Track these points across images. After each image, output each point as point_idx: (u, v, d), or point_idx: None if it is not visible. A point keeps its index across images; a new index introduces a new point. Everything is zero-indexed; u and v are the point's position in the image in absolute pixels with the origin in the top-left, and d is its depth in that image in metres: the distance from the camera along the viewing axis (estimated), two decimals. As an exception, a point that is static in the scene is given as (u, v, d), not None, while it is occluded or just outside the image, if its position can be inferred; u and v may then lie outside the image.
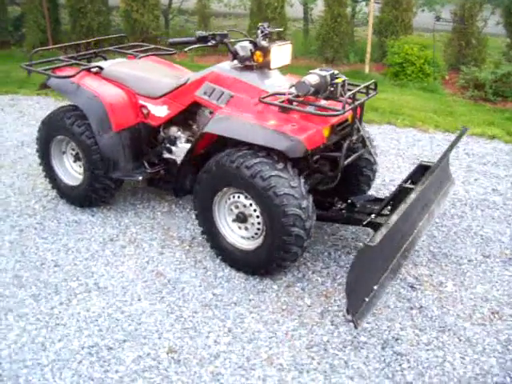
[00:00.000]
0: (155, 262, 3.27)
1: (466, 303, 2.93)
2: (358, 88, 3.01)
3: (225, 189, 3.02)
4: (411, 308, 2.89)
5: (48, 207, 3.92)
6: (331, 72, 3.03)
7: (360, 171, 3.56)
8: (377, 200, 3.27)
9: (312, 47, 8.15)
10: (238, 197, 3.01)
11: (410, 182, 3.19)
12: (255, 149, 2.90)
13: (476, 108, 6.23)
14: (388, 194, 4.08)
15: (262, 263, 3.01)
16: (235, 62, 3.30)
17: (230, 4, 8.57)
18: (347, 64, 7.88)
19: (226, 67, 3.31)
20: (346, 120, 3.20)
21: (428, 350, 2.60)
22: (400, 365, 2.50)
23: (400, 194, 2.88)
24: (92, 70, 3.74)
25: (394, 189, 4.21)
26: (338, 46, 7.57)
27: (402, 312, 2.86)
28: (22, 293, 2.99)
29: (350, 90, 3.10)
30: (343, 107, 2.84)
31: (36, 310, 2.85)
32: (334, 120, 3.06)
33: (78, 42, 4.08)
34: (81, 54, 4.03)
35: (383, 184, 4.38)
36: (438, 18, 7.07)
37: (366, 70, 7.33)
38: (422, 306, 2.90)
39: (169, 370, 2.46)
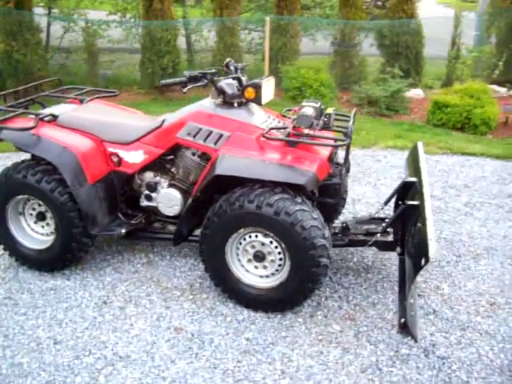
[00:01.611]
0: (167, 318, 3.05)
1: (466, 300, 3.25)
2: (352, 117, 3.18)
3: (241, 230, 2.96)
4: (427, 314, 3.11)
5: (8, 278, 3.42)
6: (319, 104, 3.17)
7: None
8: (373, 220, 3.46)
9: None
10: (256, 236, 2.97)
11: (397, 198, 3.43)
12: (269, 186, 2.90)
13: (377, 123, 6.88)
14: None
15: (287, 298, 3.00)
16: (218, 99, 3.26)
17: (114, 39, 8.25)
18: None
19: (209, 106, 3.25)
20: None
21: (462, 348, 2.83)
22: (450, 367, 2.69)
23: (405, 211, 3.09)
24: (45, 118, 3.39)
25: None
26: (232, 75, 7.75)
27: (422, 319, 3.07)
28: (31, 383, 2.58)
29: (337, 120, 3.29)
30: (349, 136, 3.00)
31: (62, 399, 2.49)
32: (330, 150, 3.21)
33: (15, 89, 3.66)
34: (19, 101, 3.61)
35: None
36: (333, 43, 7.68)
37: (265, 95, 7.60)
38: (435, 311, 3.14)
39: None
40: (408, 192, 3.32)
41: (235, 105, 3.22)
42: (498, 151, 5.80)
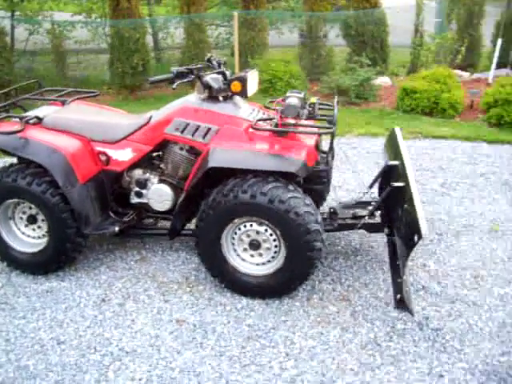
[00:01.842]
0: (167, 311, 3.10)
1: (452, 275, 3.42)
2: (336, 106, 3.28)
3: (236, 220, 3.03)
4: (417, 290, 3.26)
5: (1, 283, 3.38)
6: (303, 94, 3.26)
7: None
8: (358, 204, 3.58)
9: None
10: (251, 225, 3.05)
11: (380, 182, 3.56)
12: (261, 175, 2.98)
13: (348, 111, 7.03)
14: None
15: (284, 283, 3.09)
16: (204, 94, 3.30)
17: (81, 40, 8.12)
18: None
19: (196, 101, 3.30)
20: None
21: (453, 320, 2.99)
22: (443, 338, 2.84)
23: (393, 193, 3.22)
24: (30, 121, 3.37)
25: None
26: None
27: (414, 295, 3.21)
28: None
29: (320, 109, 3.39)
30: (334, 123, 3.11)
31: (73, 397, 2.52)
32: (316, 138, 3.31)
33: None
34: (0, 105, 3.58)
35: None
36: (302, 35, 7.79)
37: (238, 89, 7.68)
38: (424, 287, 3.29)
39: (224, 373, 2.44)
40: (391, 175, 3.45)
41: (220, 99, 3.29)
42: (466, 133, 6.04)
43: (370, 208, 3.38)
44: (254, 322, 3.00)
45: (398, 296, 2.85)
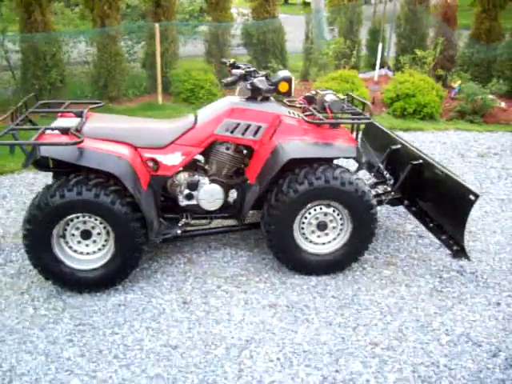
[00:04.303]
0: (253, 300, 3.26)
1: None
2: (366, 101, 3.75)
3: (308, 205, 3.33)
4: (438, 248, 3.91)
5: (59, 307, 3.15)
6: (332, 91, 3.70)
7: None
8: (376, 184, 4.12)
9: (78, 91, 7.89)
10: (321, 208, 3.37)
11: (386, 163, 4.14)
12: (322, 163, 3.33)
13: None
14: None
15: (349, 256, 3.49)
16: (246, 95, 3.53)
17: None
18: (134, 99, 7.98)
19: (241, 102, 3.51)
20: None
21: (477, 264, 3.70)
22: (482, 277, 3.55)
23: (413, 171, 3.80)
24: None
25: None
26: (120, 84, 7.64)
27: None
28: (174, 364, 2.62)
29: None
30: (370, 115, 3.59)
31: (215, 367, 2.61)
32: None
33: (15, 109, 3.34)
34: (19, 120, 3.33)
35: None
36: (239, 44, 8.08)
37: (160, 100, 7.70)
38: (440, 245, 3.96)
39: (345, 337, 2.82)
40: (399, 156, 4.05)
41: (258, 99, 3.55)
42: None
43: (394, 186, 3.92)
44: (335, 293, 3.34)
45: (455, 248, 3.48)
